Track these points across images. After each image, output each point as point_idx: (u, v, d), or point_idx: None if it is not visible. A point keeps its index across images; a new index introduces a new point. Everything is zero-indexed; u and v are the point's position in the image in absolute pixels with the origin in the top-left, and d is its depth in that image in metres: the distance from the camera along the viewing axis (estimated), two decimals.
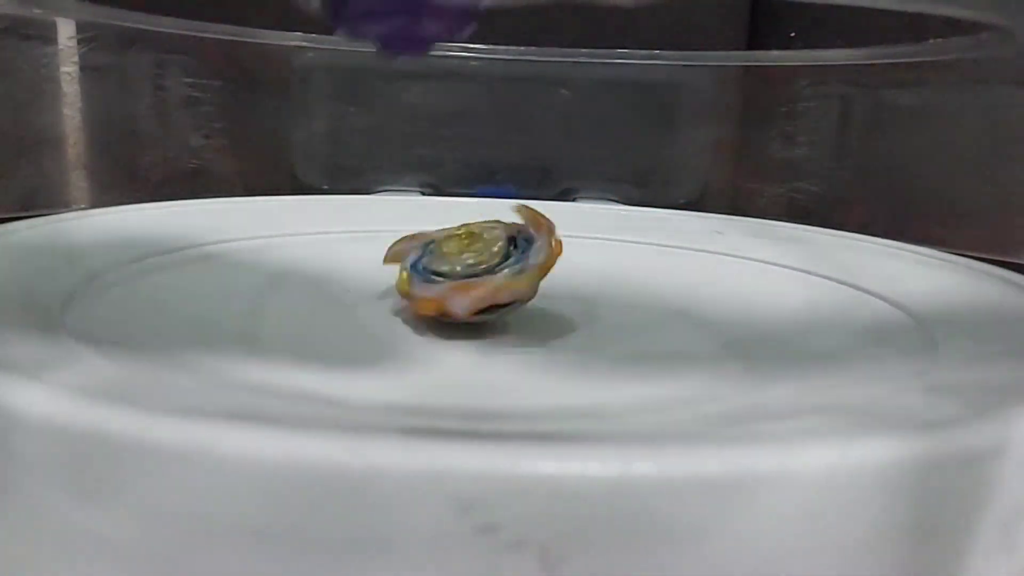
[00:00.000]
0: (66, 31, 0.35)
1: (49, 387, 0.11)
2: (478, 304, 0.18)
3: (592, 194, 0.39)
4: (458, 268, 0.19)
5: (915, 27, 0.32)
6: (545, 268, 0.19)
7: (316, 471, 0.10)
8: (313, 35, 0.38)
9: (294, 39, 0.38)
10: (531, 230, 0.20)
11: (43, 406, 0.11)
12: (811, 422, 0.14)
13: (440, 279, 0.19)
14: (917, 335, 0.19)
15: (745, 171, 0.41)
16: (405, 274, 0.20)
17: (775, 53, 0.38)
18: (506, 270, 0.19)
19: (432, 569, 0.10)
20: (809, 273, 0.25)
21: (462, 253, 0.20)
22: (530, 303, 0.19)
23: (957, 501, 0.11)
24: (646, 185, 0.41)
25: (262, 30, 0.37)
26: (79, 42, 0.35)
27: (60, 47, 0.35)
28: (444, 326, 0.19)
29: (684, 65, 0.39)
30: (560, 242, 0.20)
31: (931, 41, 0.32)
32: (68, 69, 0.35)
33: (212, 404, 0.14)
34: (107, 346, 0.16)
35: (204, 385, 0.15)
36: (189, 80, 0.37)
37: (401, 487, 0.10)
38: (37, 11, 0.34)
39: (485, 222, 0.21)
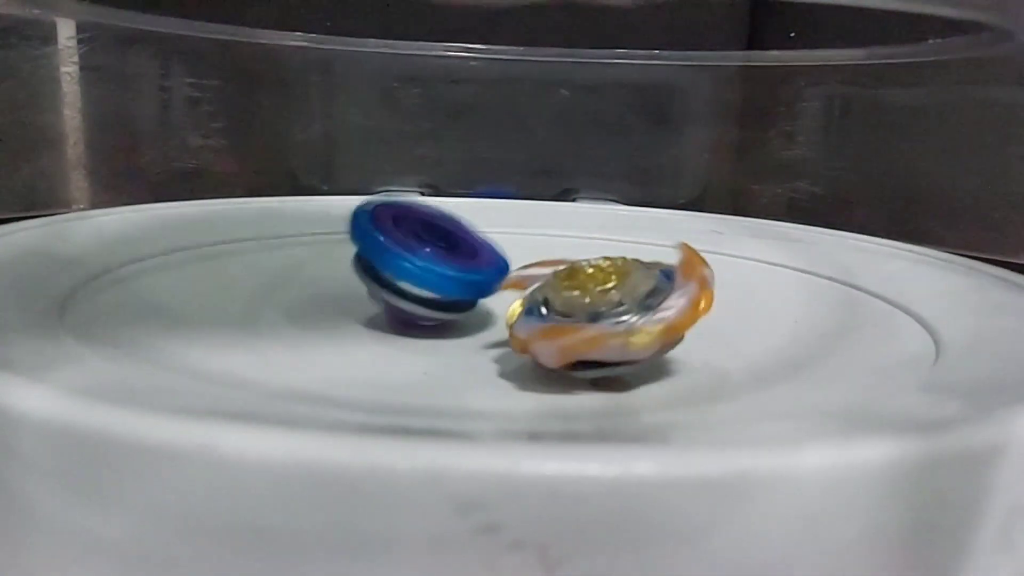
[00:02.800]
0: (66, 31, 0.35)
1: (49, 387, 0.11)
2: (566, 356, 0.15)
3: (592, 194, 0.39)
4: (564, 306, 0.16)
5: (915, 27, 0.32)
6: (676, 326, 0.15)
7: (316, 471, 0.10)
8: (313, 35, 0.38)
9: (294, 39, 0.38)
10: (679, 274, 0.16)
11: (43, 406, 0.11)
12: (811, 422, 0.14)
13: (547, 316, 0.16)
14: (917, 335, 0.19)
15: (745, 171, 0.41)
16: (518, 304, 0.17)
17: (775, 53, 0.38)
18: (616, 320, 0.15)
19: (432, 569, 0.10)
20: (809, 273, 0.25)
21: (581, 288, 0.16)
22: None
23: (957, 501, 0.11)
24: (646, 185, 0.41)
25: (262, 30, 0.37)
26: (79, 42, 0.35)
27: (60, 47, 0.35)
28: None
29: (684, 65, 0.39)
30: (710, 295, 0.15)
31: (931, 41, 0.32)
32: (68, 69, 0.35)
33: (212, 404, 0.14)
34: (107, 346, 0.16)
35: (204, 385, 0.15)
36: (189, 80, 0.37)
37: (401, 487, 0.10)
38: (37, 11, 0.34)
39: (645, 260, 0.17)
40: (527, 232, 0.29)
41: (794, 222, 0.30)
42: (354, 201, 0.25)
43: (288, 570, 0.10)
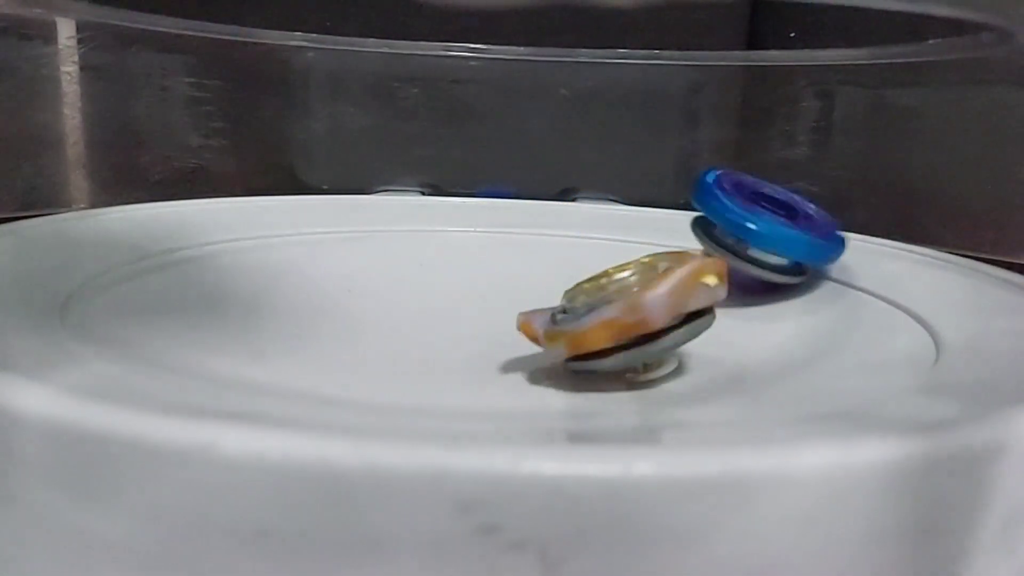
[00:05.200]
0: (66, 31, 0.35)
1: (49, 387, 0.11)
2: (680, 296, 0.15)
3: (592, 194, 0.39)
4: (621, 286, 0.15)
5: (915, 27, 0.32)
6: (721, 263, 0.16)
7: (316, 471, 0.10)
8: (313, 35, 0.38)
9: (294, 39, 0.38)
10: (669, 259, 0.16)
11: (43, 406, 0.11)
12: (811, 423, 0.14)
13: (588, 313, 0.15)
14: (917, 335, 0.19)
15: (745, 171, 0.41)
16: (544, 331, 0.16)
17: (775, 53, 0.38)
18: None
19: (432, 569, 0.10)
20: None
21: (612, 278, 0.16)
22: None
23: (957, 501, 0.11)
24: (646, 185, 0.40)
25: (262, 30, 0.37)
26: (79, 42, 0.35)
27: (60, 47, 0.35)
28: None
29: (684, 65, 0.39)
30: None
31: (931, 41, 0.32)
32: (68, 69, 0.35)
33: (212, 404, 0.14)
34: (107, 346, 0.16)
35: (204, 385, 0.15)
36: (189, 80, 0.37)
37: (401, 487, 0.10)
38: (37, 11, 0.34)
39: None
40: (527, 232, 0.29)
41: None
42: (354, 201, 0.25)
43: (288, 570, 0.10)
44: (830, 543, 0.11)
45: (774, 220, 0.20)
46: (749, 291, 0.21)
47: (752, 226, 0.20)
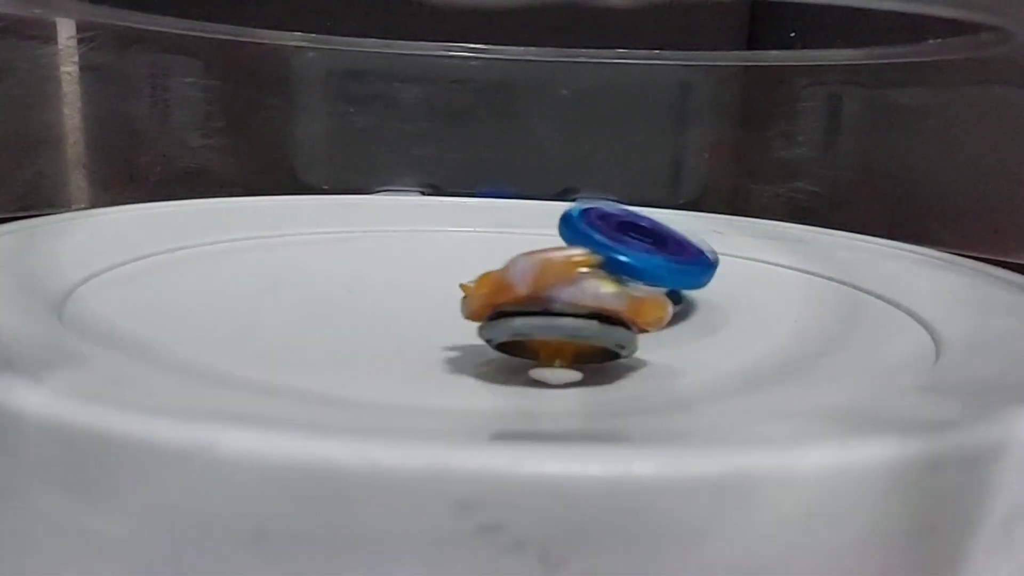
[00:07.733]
0: (66, 31, 0.35)
1: (49, 387, 0.11)
2: (546, 270, 0.14)
3: (592, 194, 0.39)
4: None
5: (915, 27, 0.32)
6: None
7: (316, 471, 0.10)
8: (313, 35, 0.38)
9: (294, 39, 0.38)
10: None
11: (43, 406, 0.11)
12: (811, 422, 0.14)
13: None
14: (917, 335, 0.19)
15: (745, 171, 0.41)
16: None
17: (775, 53, 0.38)
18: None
19: (432, 569, 0.10)
20: (809, 273, 0.25)
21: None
22: None
23: (957, 501, 0.11)
24: (646, 185, 0.40)
25: (262, 30, 0.37)
26: (79, 42, 0.35)
27: (60, 47, 0.35)
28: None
29: (684, 65, 0.39)
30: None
31: (931, 41, 0.32)
32: (68, 69, 0.35)
33: (212, 404, 0.14)
34: (107, 346, 0.16)
35: (204, 385, 0.15)
36: (189, 80, 0.37)
37: (401, 487, 0.10)
38: (37, 11, 0.34)
39: None
40: (527, 232, 0.29)
41: (794, 222, 0.30)
42: (354, 201, 0.25)
43: (288, 570, 0.10)
44: (830, 543, 0.11)
45: (640, 249, 0.20)
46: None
47: (622, 257, 0.20)
